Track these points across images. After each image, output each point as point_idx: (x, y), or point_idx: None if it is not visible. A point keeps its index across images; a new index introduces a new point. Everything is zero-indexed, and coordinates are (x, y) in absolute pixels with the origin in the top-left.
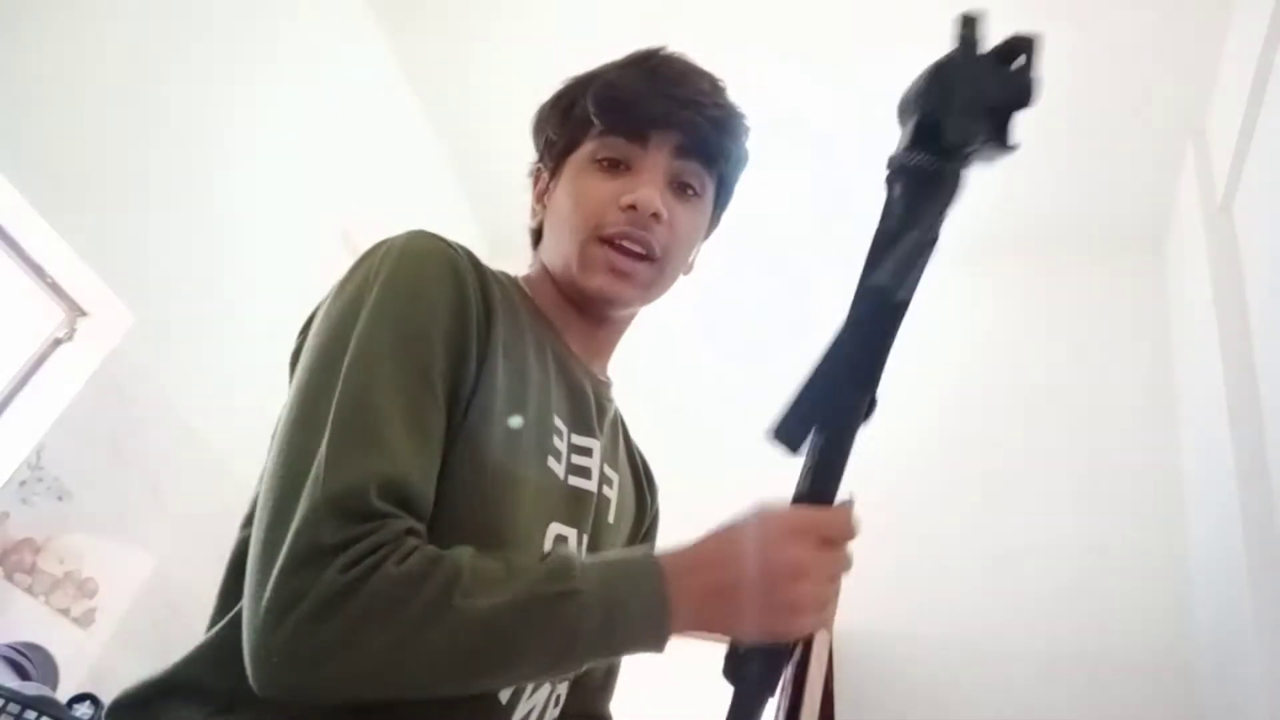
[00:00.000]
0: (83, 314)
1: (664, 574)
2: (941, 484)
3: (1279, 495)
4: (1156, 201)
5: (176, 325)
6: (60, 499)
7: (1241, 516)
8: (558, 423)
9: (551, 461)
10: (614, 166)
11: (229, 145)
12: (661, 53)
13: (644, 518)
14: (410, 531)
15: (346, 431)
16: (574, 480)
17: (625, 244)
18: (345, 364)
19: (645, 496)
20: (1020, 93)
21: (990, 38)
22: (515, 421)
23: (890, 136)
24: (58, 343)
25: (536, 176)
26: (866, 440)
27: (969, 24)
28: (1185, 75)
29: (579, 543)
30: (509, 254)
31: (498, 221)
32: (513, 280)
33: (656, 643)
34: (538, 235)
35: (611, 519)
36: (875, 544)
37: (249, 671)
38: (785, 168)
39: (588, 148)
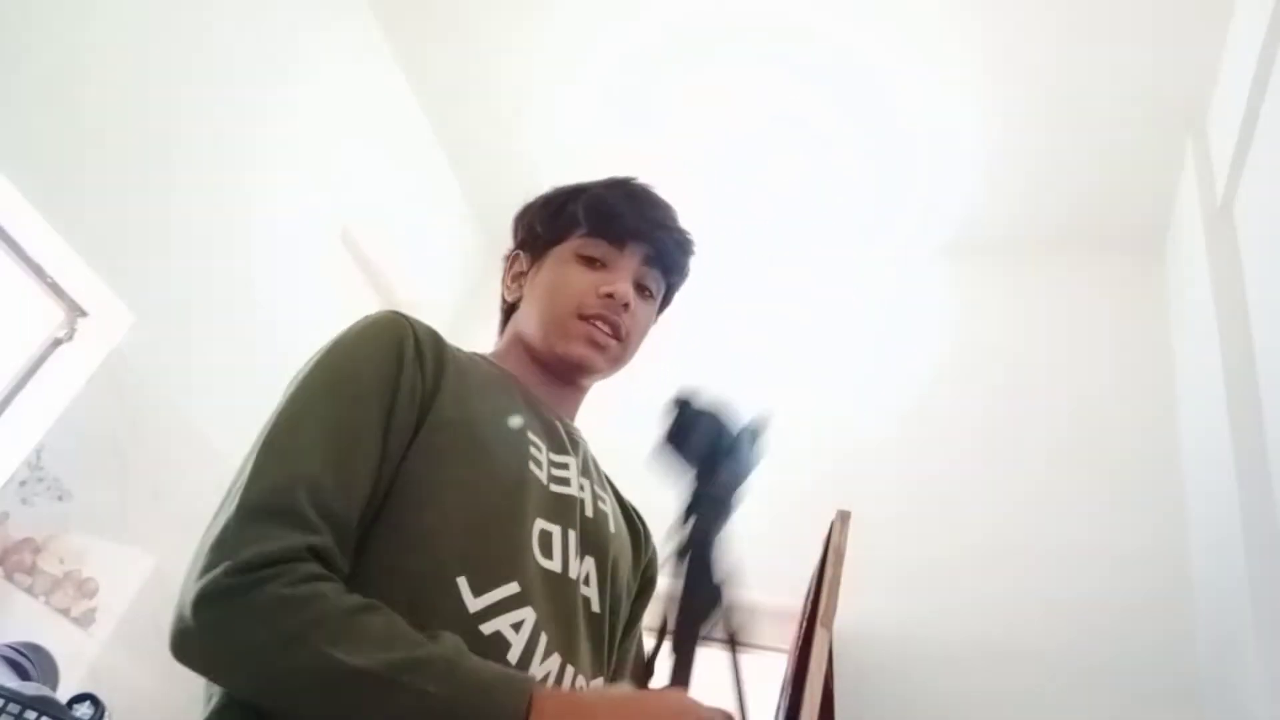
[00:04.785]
0: (83, 314)
1: (531, 701)
2: (940, 484)
3: (1279, 495)
4: (1156, 201)
5: (176, 325)
6: (60, 499)
7: (1241, 516)
8: (534, 438)
9: (533, 467)
10: (592, 263)
11: (229, 145)
12: (635, 180)
13: (639, 546)
14: (312, 549)
15: (273, 449)
16: (556, 487)
17: (600, 323)
18: (285, 401)
19: (638, 527)
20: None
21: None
22: (483, 433)
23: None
24: (58, 343)
25: (513, 260)
26: (866, 442)
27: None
28: (1185, 75)
29: (564, 538)
30: None
31: (497, 221)
32: (480, 355)
33: None
34: (509, 311)
35: (612, 529)
36: (876, 545)
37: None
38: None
39: (572, 244)
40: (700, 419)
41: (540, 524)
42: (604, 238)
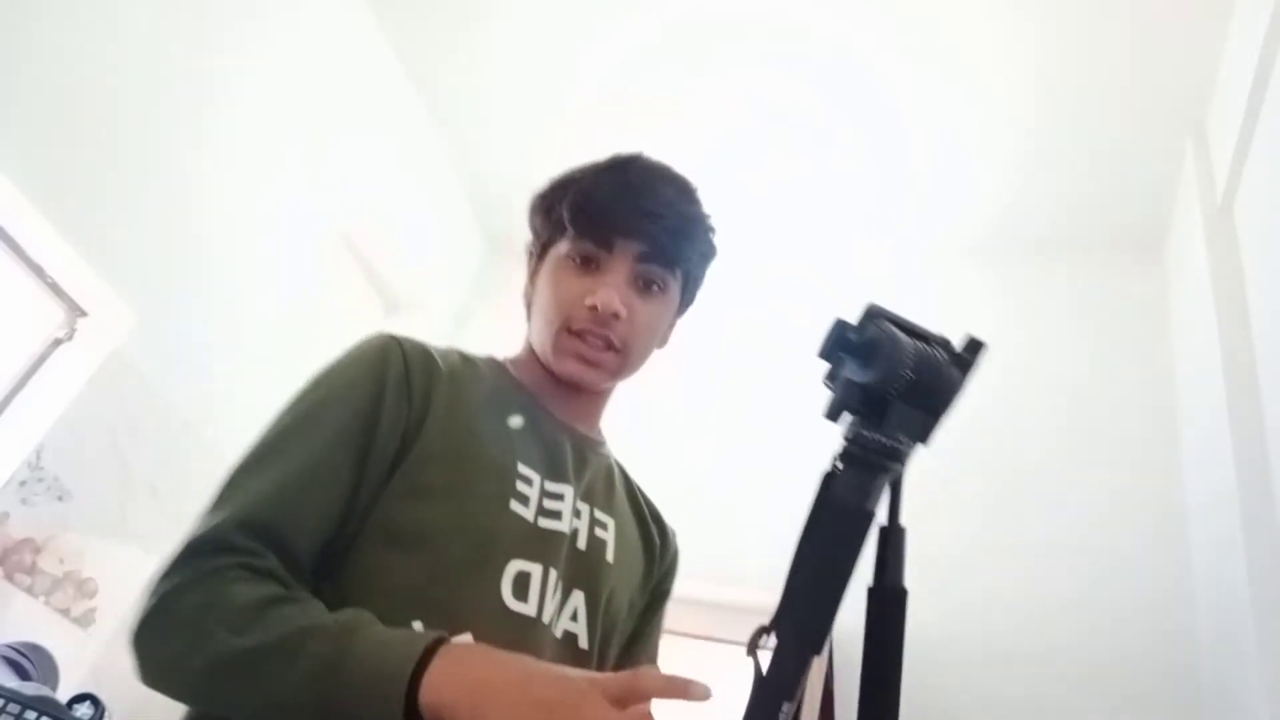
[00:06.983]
0: (83, 314)
1: (432, 650)
2: (942, 485)
3: (1279, 495)
4: (1156, 201)
5: (176, 325)
6: (60, 499)
7: (1241, 516)
8: (525, 471)
9: (515, 505)
10: (586, 263)
11: (230, 145)
12: (636, 162)
13: (654, 560)
14: (246, 565)
15: (234, 483)
16: (544, 522)
17: (589, 338)
18: (267, 427)
19: (654, 541)
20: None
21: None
22: (466, 471)
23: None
24: (58, 343)
25: (528, 258)
26: None
27: (977, 348)
28: (1185, 75)
29: (544, 577)
30: (508, 253)
31: (497, 221)
32: (494, 362)
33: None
34: (529, 309)
35: (610, 559)
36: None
37: None
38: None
39: (564, 246)
40: (891, 339)
41: (517, 565)
42: (590, 239)
